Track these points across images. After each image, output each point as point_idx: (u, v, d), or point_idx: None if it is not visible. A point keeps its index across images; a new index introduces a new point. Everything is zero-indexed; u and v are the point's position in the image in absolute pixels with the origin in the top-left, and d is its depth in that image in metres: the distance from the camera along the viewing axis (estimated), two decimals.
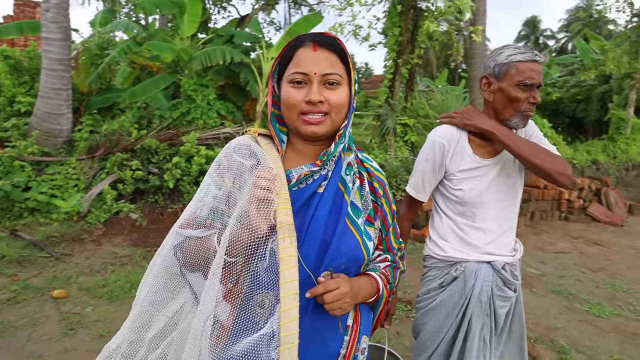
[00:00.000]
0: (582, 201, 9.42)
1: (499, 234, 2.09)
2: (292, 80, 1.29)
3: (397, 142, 8.70)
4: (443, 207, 2.15)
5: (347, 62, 1.33)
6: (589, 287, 5.44)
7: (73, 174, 6.50)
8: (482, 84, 2.02)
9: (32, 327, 3.80)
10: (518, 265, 2.17)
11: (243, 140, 1.37)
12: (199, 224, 1.29)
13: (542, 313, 4.60)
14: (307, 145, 1.39)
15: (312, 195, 1.31)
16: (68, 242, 5.66)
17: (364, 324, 1.43)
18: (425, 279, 2.22)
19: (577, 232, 8.24)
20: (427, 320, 2.13)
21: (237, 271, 1.20)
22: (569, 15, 39.18)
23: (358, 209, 1.40)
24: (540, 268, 6.08)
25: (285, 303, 1.14)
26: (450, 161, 2.04)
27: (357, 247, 1.34)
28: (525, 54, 1.90)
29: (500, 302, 2.05)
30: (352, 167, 1.42)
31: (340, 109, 1.31)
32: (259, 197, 1.18)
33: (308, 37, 1.33)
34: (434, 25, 7.94)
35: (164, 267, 1.31)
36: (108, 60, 7.85)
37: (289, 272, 1.16)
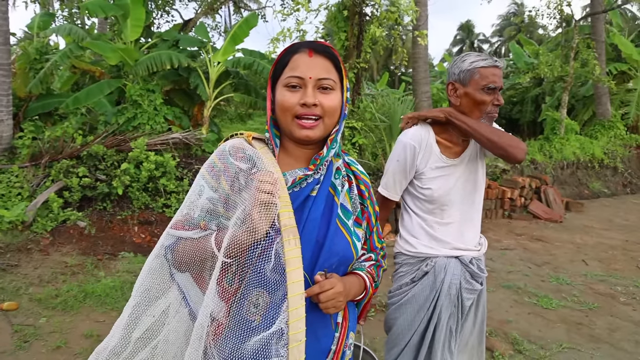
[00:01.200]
0: (524, 199, 9.72)
1: (465, 230, 2.23)
2: (288, 84, 1.34)
3: (346, 145, 8.82)
4: (412, 206, 2.27)
5: (341, 69, 1.39)
6: (535, 281, 5.67)
7: (16, 182, 6.28)
8: (449, 89, 2.16)
9: None
10: (483, 259, 2.31)
11: (237, 143, 1.38)
12: (193, 225, 1.32)
13: (494, 307, 4.74)
14: (299, 149, 1.43)
15: (306, 198, 1.36)
16: (14, 253, 5.45)
17: (352, 321, 1.49)
18: (396, 275, 2.31)
19: (520, 229, 8.52)
20: (399, 314, 2.23)
21: (233, 272, 1.25)
22: (501, 20, 40.90)
23: (348, 211, 1.45)
24: (489, 264, 6.20)
25: (293, 302, 1.18)
26: (419, 162, 2.16)
27: (347, 248, 1.40)
28: (486, 60, 2.04)
29: (467, 294, 2.18)
30: (340, 172, 1.48)
31: (333, 113, 1.36)
32: (263, 201, 1.21)
33: (304, 44, 1.38)
34: (379, 30, 8.13)
35: (155, 266, 1.34)
36: (49, 65, 7.61)
37: (295, 273, 1.21)
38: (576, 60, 13.10)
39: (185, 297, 1.36)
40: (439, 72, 21.86)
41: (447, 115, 2.12)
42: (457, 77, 2.11)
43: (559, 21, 14.82)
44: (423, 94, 10.43)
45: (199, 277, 1.33)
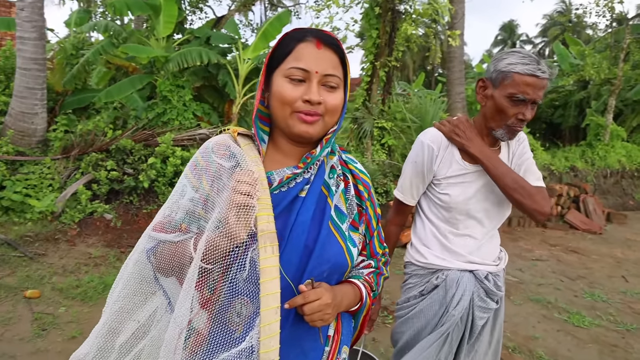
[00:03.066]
0: (560, 208, 9.28)
1: (483, 242, 2.03)
2: (290, 75, 1.22)
3: (374, 145, 8.72)
4: (427, 211, 2.08)
5: (346, 65, 1.29)
6: (567, 296, 5.35)
7: (47, 174, 6.44)
8: (478, 86, 1.96)
9: (4, 327, 3.77)
10: (502, 275, 2.10)
11: (221, 140, 1.29)
12: (173, 228, 1.22)
13: (520, 321, 4.53)
14: (291, 146, 1.32)
15: (294, 199, 1.25)
16: (42, 242, 5.60)
17: (345, 334, 1.38)
18: (405, 286, 2.14)
19: (555, 239, 8.12)
20: (405, 329, 2.07)
21: (214, 279, 1.14)
22: (546, 20, 39.62)
23: (343, 213, 1.34)
24: (518, 275, 5.99)
25: (266, 317, 1.08)
26: (438, 166, 1.98)
27: (340, 254, 1.28)
28: (527, 66, 1.77)
29: (480, 312, 1.98)
30: (335, 170, 1.37)
31: (335, 112, 1.26)
32: (239, 203, 1.11)
33: (310, 32, 1.25)
34: (412, 27, 8.00)
35: (136, 271, 1.25)
36: (83, 61, 7.79)
37: (271, 284, 1.10)
38: (626, 62, 12.49)
39: (170, 302, 1.28)
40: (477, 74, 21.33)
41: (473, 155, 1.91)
42: (490, 75, 1.90)
43: (609, 20, 14.15)
44: (457, 95, 10.20)
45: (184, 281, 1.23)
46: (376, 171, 7.87)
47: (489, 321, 2.05)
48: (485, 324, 2.04)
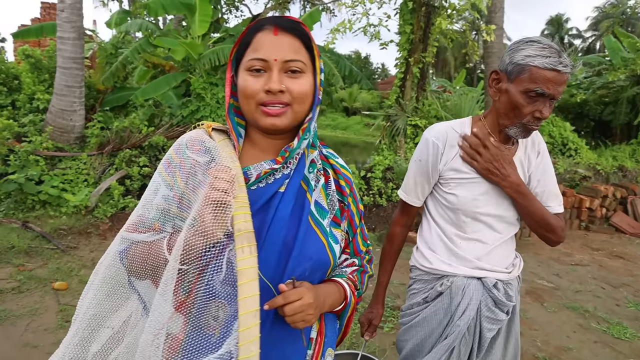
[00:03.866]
0: (605, 210, 8.69)
1: (493, 247, 1.87)
2: (250, 67, 1.17)
3: (408, 143, 8.58)
4: (433, 212, 1.96)
5: (312, 48, 1.21)
6: (608, 305, 4.98)
7: (83, 169, 6.67)
8: (491, 79, 1.79)
9: (31, 317, 3.90)
10: (515, 283, 1.94)
11: (195, 135, 1.23)
12: (146, 227, 1.17)
13: (553, 330, 4.28)
14: (267, 139, 1.27)
15: (273, 195, 1.20)
16: (75, 235, 5.80)
17: (329, 336, 1.33)
18: (409, 291, 2.04)
19: (598, 243, 7.65)
20: (409, 337, 1.96)
21: (190, 280, 1.09)
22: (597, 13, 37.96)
23: (323, 209, 1.28)
24: (554, 281, 5.66)
25: (245, 321, 1.02)
26: (444, 166, 1.84)
27: (322, 251, 1.23)
28: (547, 59, 1.60)
29: (488, 324, 1.83)
30: (315, 165, 1.31)
31: (303, 99, 1.19)
32: (215, 200, 1.07)
33: (269, 20, 1.20)
34: (446, 22, 7.82)
35: (109, 275, 1.19)
36: (121, 59, 8.02)
37: (249, 286, 1.04)
38: None
39: (145, 306, 1.20)
40: None
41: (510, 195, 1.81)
42: (504, 67, 1.72)
43: None
44: None
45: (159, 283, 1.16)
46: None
47: (500, 333, 1.90)
48: (497, 336, 1.90)
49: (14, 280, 4.54)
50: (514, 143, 1.88)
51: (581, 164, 9.89)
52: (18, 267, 4.85)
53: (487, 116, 1.86)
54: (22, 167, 6.32)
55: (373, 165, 7.57)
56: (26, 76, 8.15)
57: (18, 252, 5.17)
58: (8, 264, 4.90)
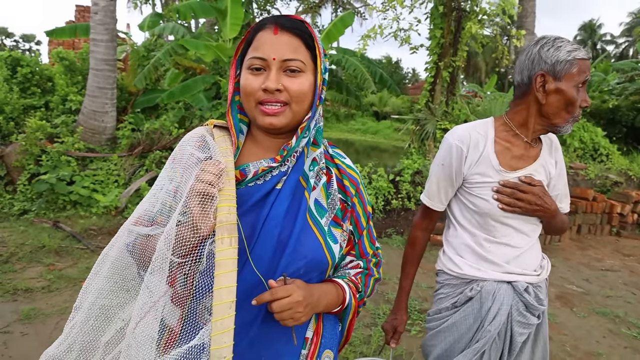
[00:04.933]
0: (637, 216, 8.55)
1: (522, 251, 1.84)
2: (250, 65, 1.18)
3: (437, 147, 8.50)
4: (459, 216, 1.92)
5: (314, 47, 1.21)
6: (639, 310, 4.89)
7: (114, 170, 6.75)
8: (537, 82, 1.72)
9: (60, 316, 3.92)
10: (544, 286, 1.91)
11: (198, 132, 1.25)
12: (151, 221, 1.18)
13: (582, 335, 4.21)
14: (269, 138, 1.27)
15: (269, 192, 1.20)
16: (105, 236, 5.85)
17: (327, 337, 1.31)
18: (437, 296, 1.99)
19: (630, 249, 7.49)
20: (437, 342, 1.92)
21: (186, 273, 1.09)
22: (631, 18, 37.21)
23: (322, 207, 1.27)
24: (584, 286, 5.56)
25: (218, 312, 1.01)
26: (469, 169, 1.80)
27: (318, 250, 1.21)
28: (582, 51, 1.69)
29: (519, 328, 1.80)
30: (317, 163, 1.29)
31: (301, 98, 1.19)
32: (199, 191, 1.07)
33: (270, 19, 1.21)
34: (477, 26, 7.72)
35: (119, 267, 1.19)
36: (153, 62, 8.11)
37: (225, 277, 1.03)
38: None
39: None
40: None
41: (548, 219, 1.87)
42: (550, 68, 1.68)
43: None
44: None
45: None
46: None
47: (529, 337, 1.88)
48: (526, 340, 1.87)
49: (44, 280, 4.59)
50: (537, 142, 1.86)
51: (612, 169, 9.78)
52: (48, 266, 4.91)
53: (513, 118, 1.82)
54: (54, 167, 6.43)
55: (402, 169, 7.52)
56: (59, 78, 8.29)
57: (48, 252, 5.24)
58: (39, 263, 4.96)
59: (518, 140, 1.80)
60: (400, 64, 57.61)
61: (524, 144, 1.81)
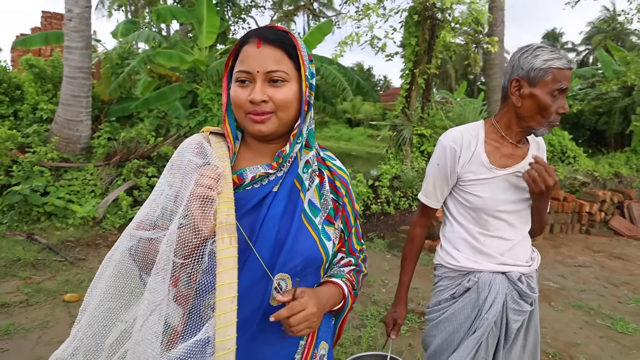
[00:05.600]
0: (604, 214, 9.08)
1: (514, 243, 1.97)
2: (237, 78, 1.25)
3: (414, 152, 8.63)
4: (455, 213, 2.04)
5: (297, 57, 1.27)
6: (611, 302, 5.21)
7: (90, 180, 6.60)
8: (512, 86, 1.86)
9: (42, 330, 3.81)
10: (535, 276, 2.04)
11: (195, 138, 1.31)
12: (152, 225, 1.23)
13: (561, 328, 4.44)
14: (261, 144, 1.34)
15: (266, 194, 1.27)
16: (83, 247, 5.71)
17: (323, 330, 1.39)
18: (436, 289, 2.10)
19: (599, 245, 7.96)
20: (437, 332, 2.02)
21: (189, 273, 1.14)
22: (590, 28, 38.52)
23: (316, 207, 1.35)
24: (560, 282, 5.87)
25: (221, 307, 1.08)
26: (462, 168, 1.93)
27: (313, 247, 1.28)
28: (561, 60, 1.76)
29: (514, 315, 1.92)
30: (309, 165, 1.37)
31: (286, 106, 1.25)
32: (199, 195, 1.13)
33: (253, 32, 1.27)
34: (450, 35, 7.89)
35: (122, 270, 1.24)
36: (128, 70, 7.98)
37: (227, 274, 1.10)
38: None
39: None
40: None
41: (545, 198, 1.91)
42: (525, 74, 1.81)
43: None
44: (497, 102, 9.94)
45: None
46: (415, 178, 7.79)
47: (523, 324, 2.00)
48: (520, 327, 1.99)
49: (21, 294, 4.43)
50: (524, 143, 1.99)
51: (580, 170, 10.24)
52: (25, 280, 4.75)
53: (500, 120, 1.96)
54: (26, 178, 6.24)
55: (380, 174, 7.60)
56: (29, 86, 8.07)
57: (24, 265, 5.06)
58: (14, 277, 4.80)
59: (505, 141, 1.94)
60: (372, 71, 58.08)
61: (511, 144, 1.94)
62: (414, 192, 7.65)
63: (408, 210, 7.60)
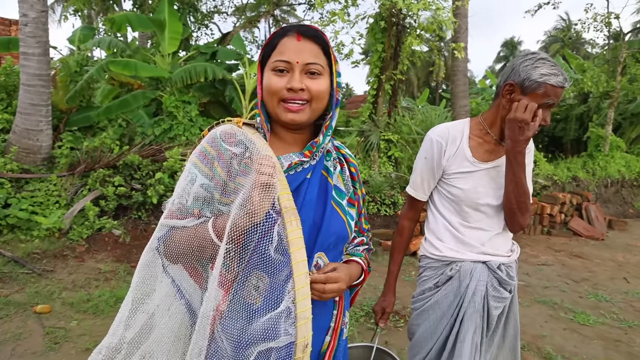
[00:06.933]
0: (564, 216, 9.50)
1: (494, 234, 2.07)
2: (275, 67, 1.33)
3: (381, 157, 8.68)
4: (439, 205, 2.13)
5: (330, 54, 1.38)
6: (572, 297, 5.54)
7: (54, 191, 6.35)
8: (505, 88, 1.90)
9: (15, 342, 3.68)
10: (514, 266, 2.14)
11: (229, 129, 1.37)
12: (186, 214, 1.30)
13: (528, 322, 4.66)
14: (289, 133, 1.44)
15: (302, 182, 1.37)
16: (50, 259, 5.49)
17: (346, 300, 1.54)
18: (420, 279, 2.20)
19: (560, 245, 8.35)
20: (421, 320, 2.12)
21: (230, 257, 1.22)
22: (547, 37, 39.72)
23: (341, 191, 1.50)
24: (525, 279, 6.17)
25: (299, 281, 1.20)
26: (447, 161, 2.03)
27: (343, 227, 1.44)
28: (558, 77, 1.80)
29: (494, 302, 2.02)
30: (331, 154, 1.50)
31: (320, 97, 1.36)
32: (263, 183, 1.21)
33: (293, 27, 1.37)
34: (416, 41, 8.02)
35: (146, 261, 1.31)
36: (87, 78, 7.73)
37: (299, 253, 1.22)
38: (624, 76, 12.69)
39: (180, 289, 1.36)
40: (480, 89, 21.30)
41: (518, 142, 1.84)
42: (520, 81, 1.85)
43: (607, 35, 14.36)
44: (461, 107, 10.19)
45: (190, 267, 1.34)
46: (383, 183, 7.83)
47: (503, 312, 2.10)
48: (500, 315, 2.09)
49: None
50: None
51: (540, 174, 10.55)
52: None
53: (487, 117, 2.05)
54: None
55: None
56: None
57: None
58: None
59: (489, 137, 2.03)
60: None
61: (495, 141, 2.02)
62: (381, 197, 7.69)
63: (376, 214, 7.64)
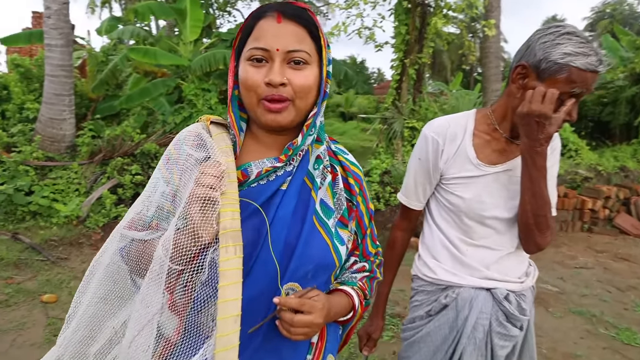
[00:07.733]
0: (609, 211, 8.44)
1: (504, 254, 1.67)
2: (251, 57, 1.08)
3: (405, 146, 8.44)
4: (436, 216, 1.76)
5: (319, 37, 1.13)
6: (615, 309, 4.78)
7: (75, 179, 6.53)
8: (515, 72, 1.50)
9: (17, 332, 3.75)
10: (529, 295, 1.74)
11: (193, 129, 1.17)
12: (144, 226, 1.11)
13: (560, 337, 4.10)
14: (270, 135, 1.18)
15: (274, 193, 1.13)
16: (66, 246, 5.64)
17: (331, 341, 1.27)
18: (411, 304, 1.83)
19: (602, 245, 7.41)
20: (411, 354, 1.76)
21: (185, 282, 1.03)
22: (594, 13, 37.91)
23: (329, 208, 1.20)
24: (559, 285, 5.44)
25: (223, 327, 0.96)
26: (445, 164, 1.65)
27: (326, 252, 1.15)
28: (588, 58, 1.36)
29: (500, 340, 1.63)
30: (321, 161, 1.22)
31: (306, 93, 1.10)
32: (200, 196, 1.00)
33: (272, 6, 1.11)
34: (442, 22, 7.70)
35: (110, 273, 1.14)
36: (111, 67, 7.89)
37: (230, 289, 0.98)
38: None
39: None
40: None
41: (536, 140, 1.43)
42: (535, 62, 1.43)
43: None
44: (493, 92, 9.63)
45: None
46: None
47: (514, 351, 1.71)
48: (511, 354, 1.70)
49: (2, 294, 4.37)
50: None
51: (582, 164, 9.78)
52: (6, 279, 4.69)
53: (496, 109, 1.64)
54: (11, 177, 6.19)
55: (370, 169, 7.42)
56: (15, 86, 8.04)
57: (7, 265, 5.00)
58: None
59: (499, 134, 1.63)
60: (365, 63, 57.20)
61: (505, 139, 1.62)
62: None
63: (398, 206, 7.41)
